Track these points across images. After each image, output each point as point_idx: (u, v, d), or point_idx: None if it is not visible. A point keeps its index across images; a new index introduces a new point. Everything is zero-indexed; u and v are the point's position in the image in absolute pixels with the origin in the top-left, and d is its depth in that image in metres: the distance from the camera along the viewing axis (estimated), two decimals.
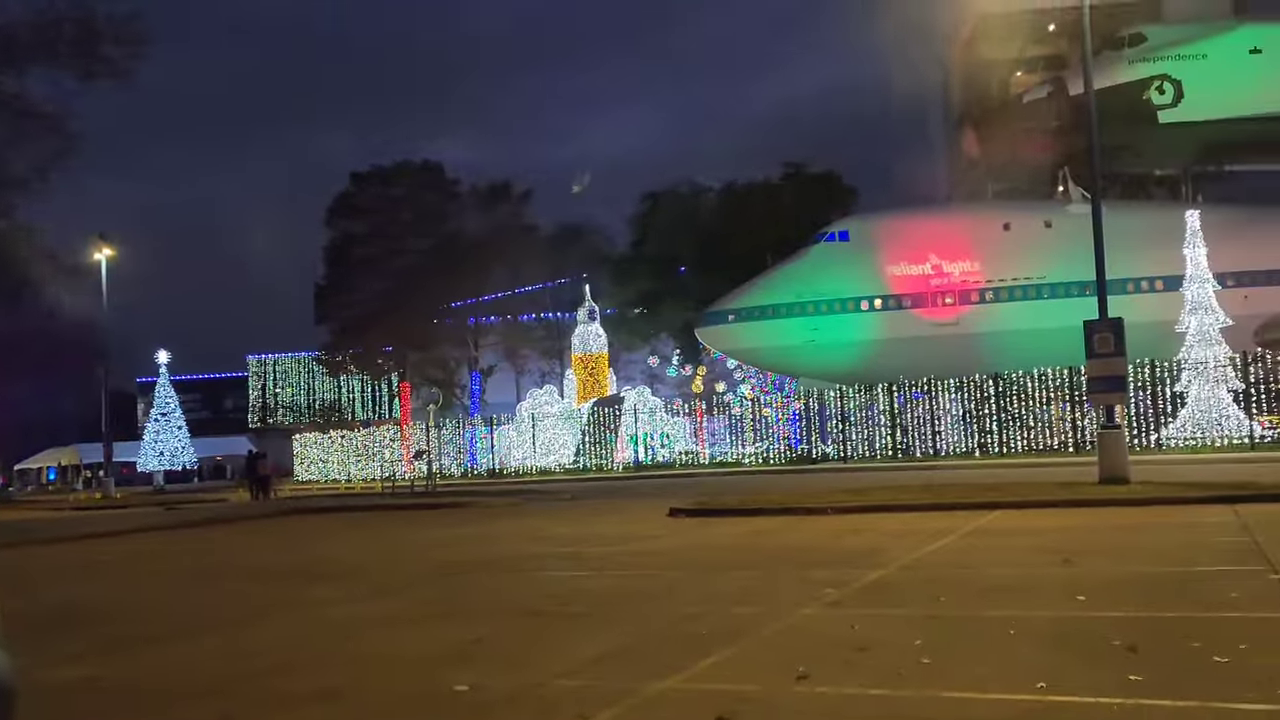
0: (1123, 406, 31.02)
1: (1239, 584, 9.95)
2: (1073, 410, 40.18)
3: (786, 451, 47.53)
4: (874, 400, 45.05)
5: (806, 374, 50.34)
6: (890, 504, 19.68)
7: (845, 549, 14.30)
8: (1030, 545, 13.72)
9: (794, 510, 20.09)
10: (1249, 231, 47.51)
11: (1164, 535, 14.38)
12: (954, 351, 46.92)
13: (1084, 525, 15.84)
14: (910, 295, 50.34)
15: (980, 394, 42.68)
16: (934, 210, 58.26)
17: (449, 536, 20.27)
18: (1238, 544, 12.88)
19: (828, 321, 50.76)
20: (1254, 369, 38.58)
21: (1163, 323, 39.25)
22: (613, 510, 25.21)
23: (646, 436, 52.09)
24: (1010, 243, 49.97)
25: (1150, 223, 45.29)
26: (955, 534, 15.09)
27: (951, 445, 43.29)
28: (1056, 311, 44.27)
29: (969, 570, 11.81)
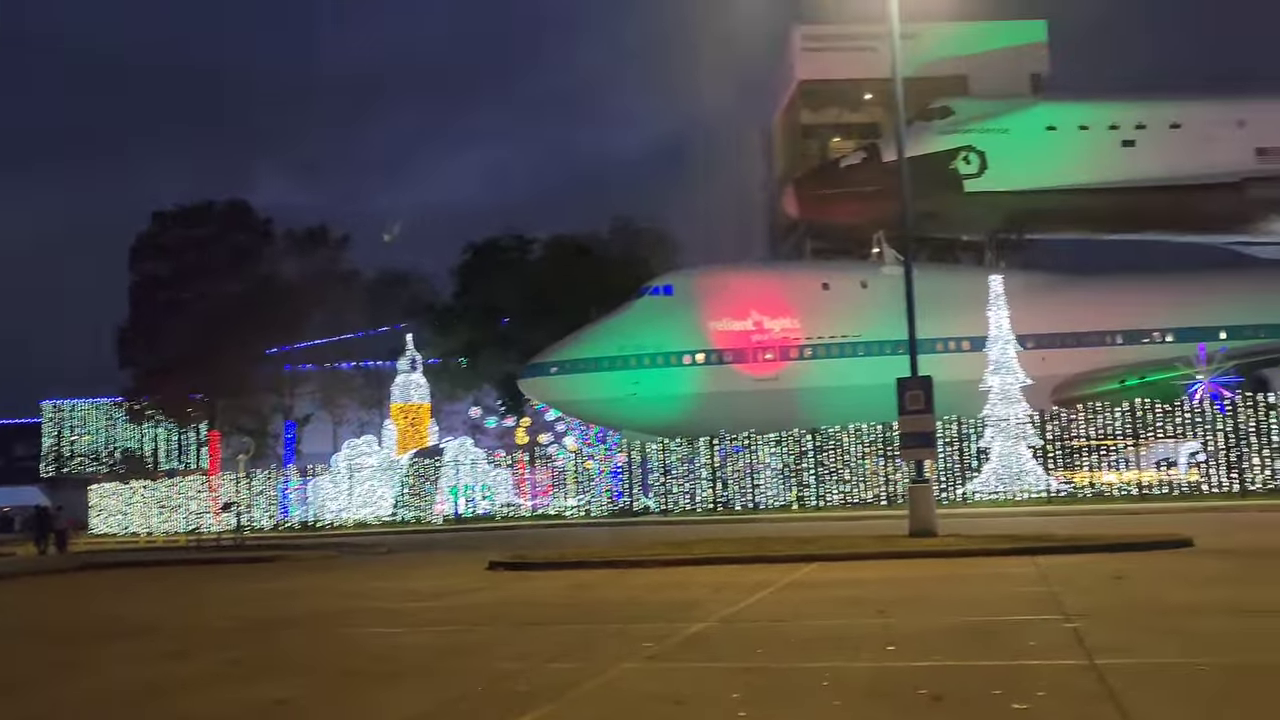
0: (932, 461, 32.21)
1: (1037, 632, 10.32)
2: (886, 464, 41.47)
3: (609, 504, 47.54)
4: (695, 454, 45.55)
5: (629, 427, 50.60)
6: (711, 557, 19.79)
7: (666, 602, 14.26)
8: (846, 597, 13.95)
9: (615, 563, 20.00)
10: (1047, 297, 50.24)
11: (970, 586, 14.83)
12: (774, 406, 47.94)
13: (897, 577, 16.21)
14: (732, 350, 51.30)
15: (799, 448, 43.64)
16: (756, 268, 59.72)
17: (258, 591, 19.42)
18: (1036, 594, 13.39)
19: (650, 375, 51.22)
20: (1051, 426, 40.61)
21: (969, 381, 40.98)
22: (431, 564, 24.65)
23: (467, 488, 51.36)
24: (829, 301, 51.56)
25: (958, 286, 47.41)
26: (774, 587, 15.25)
27: (771, 498, 44.06)
28: (871, 369, 45.79)
29: (786, 623, 11.92)
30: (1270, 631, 10.10)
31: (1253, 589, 13.14)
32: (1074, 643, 9.63)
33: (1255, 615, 11.05)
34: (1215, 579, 14.62)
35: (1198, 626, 10.46)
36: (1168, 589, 13.56)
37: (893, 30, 25.54)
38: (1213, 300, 51.55)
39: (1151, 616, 11.30)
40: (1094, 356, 50.35)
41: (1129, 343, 50.63)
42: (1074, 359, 49.96)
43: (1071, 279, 54.13)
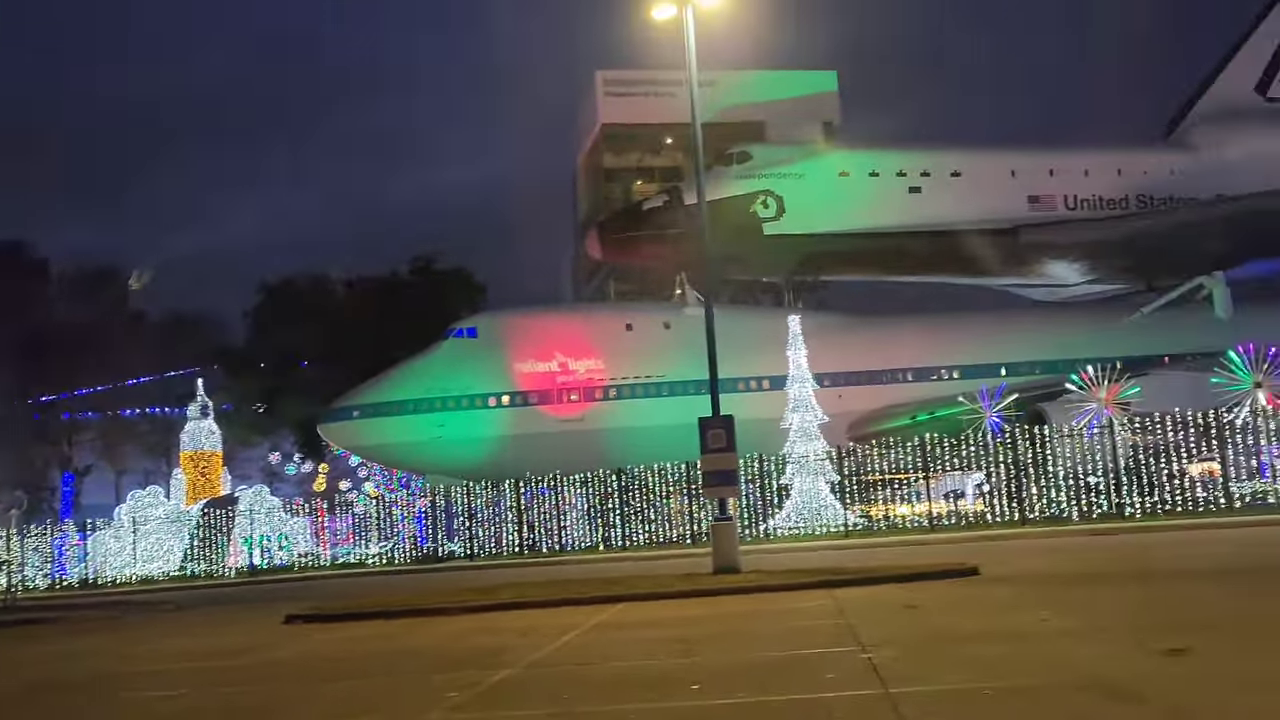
0: (735, 499, 32.77)
1: (836, 665, 10.57)
2: (690, 503, 41.98)
3: (412, 550, 46.53)
4: (501, 496, 45.11)
5: (434, 470, 49.76)
6: (517, 601, 19.55)
7: (472, 650, 14.00)
8: (652, 637, 13.97)
9: (420, 611, 19.53)
10: (843, 336, 52.08)
11: (772, 622, 15.10)
12: (580, 447, 47.99)
13: (702, 615, 16.36)
14: (537, 392, 51.20)
15: (604, 488, 43.76)
16: (561, 309, 59.92)
17: (33, 655, 18.13)
18: (835, 626, 13.72)
19: (456, 417, 50.58)
20: (847, 462, 41.98)
21: (770, 419, 41.96)
22: (224, 620, 23.53)
23: (263, 539, 49.41)
24: (632, 342, 52.10)
25: (758, 326, 48.63)
26: (580, 629, 15.16)
27: (577, 540, 43.99)
28: (675, 408, 46.40)
29: (593, 665, 11.85)
30: (1048, 655, 10.60)
31: (1033, 614, 13.78)
32: (870, 673, 9.88)
33: (1035, 640, 11.58)
34: (998, 606, 15.31)
35: (984, 652, 10.90)
36: (956, 617, 14.11)
37: (691, 77, 26.12)
38: (994, 339, 54.48)
39: (941, 644, 11.72)
40: (887, 393, 52.38)
41: (919, 380, 52.91)
42: (868, 396, 51.86)
43: (865, 319, 56.32)
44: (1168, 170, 56.33)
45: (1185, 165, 56.32)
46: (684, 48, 25.79)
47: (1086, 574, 19.77)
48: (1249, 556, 20.85)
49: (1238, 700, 8.12)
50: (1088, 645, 11.11)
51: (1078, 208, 54.46)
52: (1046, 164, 55.47)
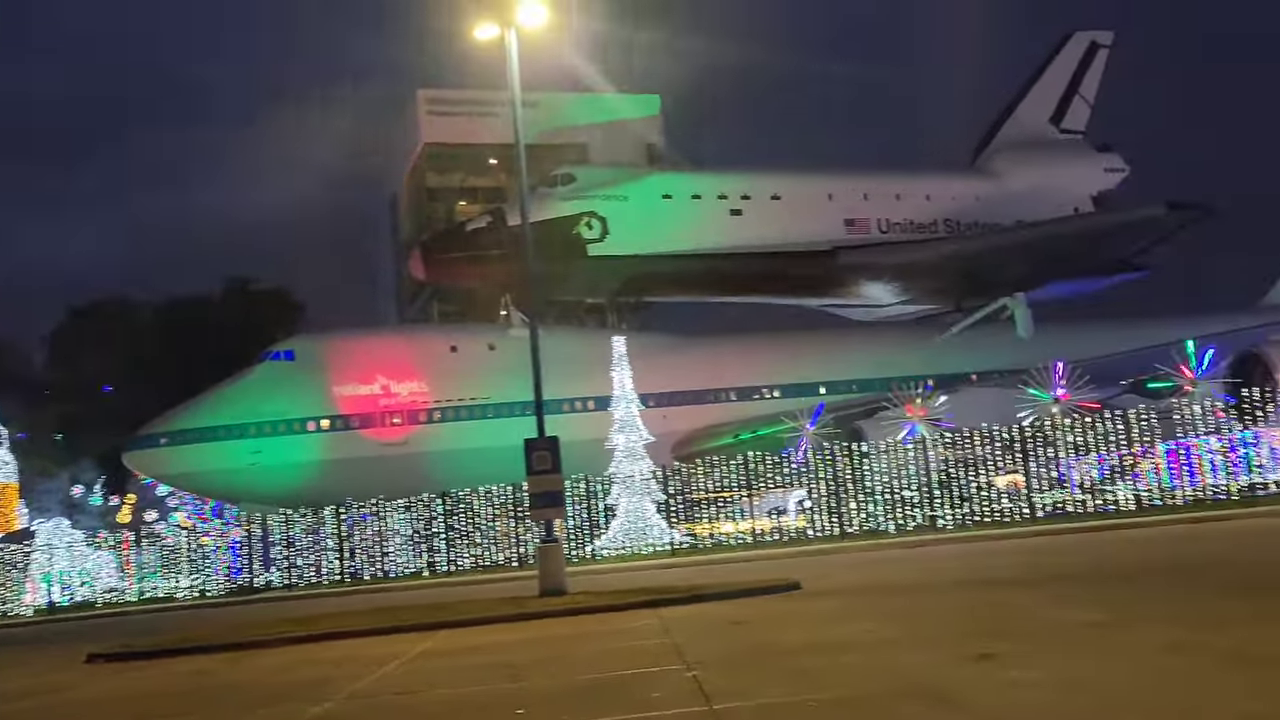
0: (561, 520, 32.62)
1: (662, 683, 10.54)
2: (517, 525, 41.61)
3: (227, 582, 44.70)
4: (321, 524, 43.80)
5: (250, 499, 47.96)
6: (337, 631, 18.94)
7: (290, 683, 13.46)
8: (478, 663, 13.72)
9: (234, 645, 18.69)
10: (667, 357, 52.62)
11: (599, 643, 15.01)
12: (403, 471, 47.07)
13: (528, 638, 16.16)
14: (359, 416, 50.01)
15: (429, 513, 42.99)
16: (383, 331, 58.76)
17: None
18: (661, 645, 13.72)
19: (273, 443, 48.93)
20: (673, 481, 42.34)
21: (595, 440, 42.00)
22: (15, 662, 22.03)
23: (63, 574, 46.67)
24: (457, 364, 51.46)
25: (583, 347, 48.69)
26: (404, 658, 14.76)
27: (401, 566, 43.05)
28: (500, 430, 45.98)
29: (417, 694, 11.54)
30: (869, 665, 10.81)
31: (854, 625, 14.07)
32: (695, 691, 9.88)
33: (857, 650, 11.81)
34: (821, 618, 15.59)
35: (807, 665, 11.04)
36: (780, 631, 14.29)
37: (514, 97, 26.01)
38: (813, 358, 55.96)
39: (765, 659, 11.84)
40: (711, 413, 53.14)
41: (742, 399, 53.86)
42: (693, 416, 52.51)
43: (689, 340, 57.05)
44: (973, 196, 58.98)
45: (989, 192, 59.08)
46: (507, 68, 25.68)
47: (904, 585, 20.36)
48: (1051, 564, 21.85)
49: (1045, 702, 8.42)
50: (907, 654, 11.38)
51: (890, 231, 56.45)
52: (861, 188, 57.36)
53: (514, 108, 26.13)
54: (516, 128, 26.10)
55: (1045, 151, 60.71)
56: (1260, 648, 9.74)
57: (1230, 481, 37.57)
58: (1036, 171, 59.50)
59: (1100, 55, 63.26)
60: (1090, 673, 9.45)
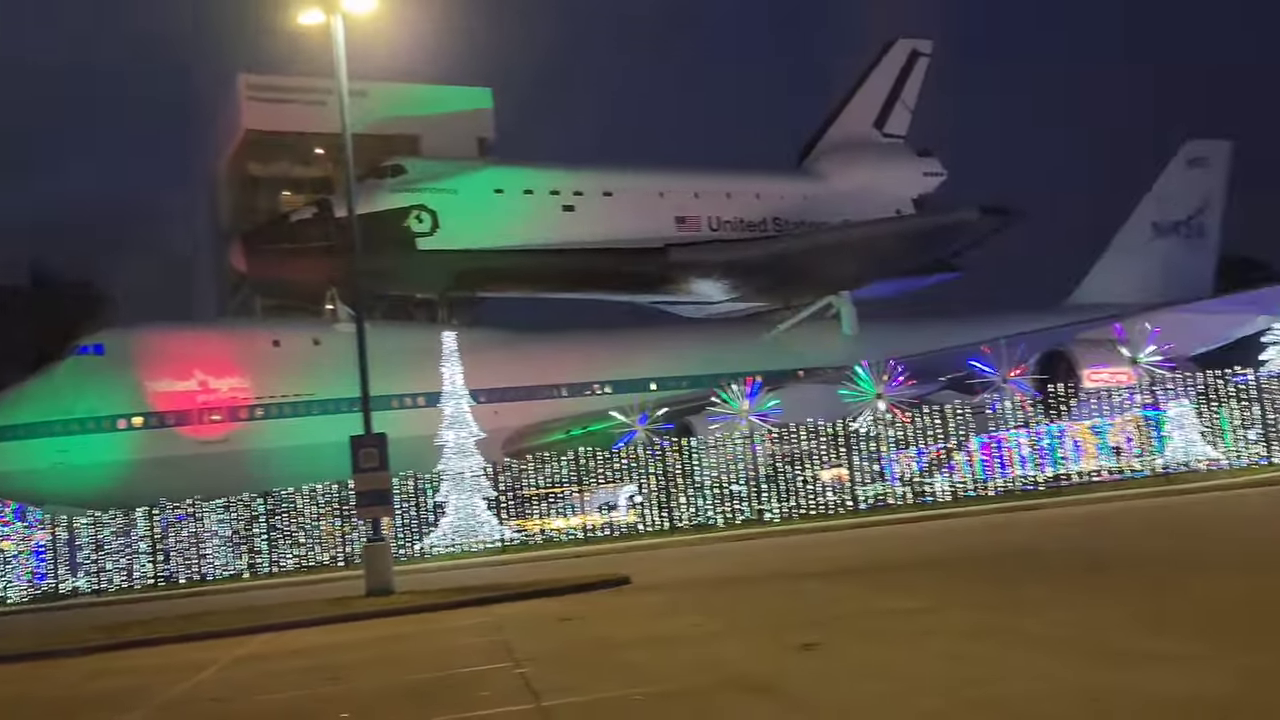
0: (389, 519, 32.03)
1: (490, 681, 10.45)
2: (344, 524, 40.63)
3: (30, 588, 42.31)
4: (133, 525, 41.87)
5: (55, 500, 45.38)
6: (149, 638, 18.15)
7: (96, 693, 12.84)
8: (299, 667, 13.34)
9: (36, 655, 17.70)
10: (499, 353, 52.14)
11: (427, 643, 14.79)
12: (223, 470, 45.35)
13: (354, 640, 15.80)
14: (175, 413, 47.96)
15: (250, 513, 41.59)
16: (201, 325, 56.49)
17: None
18: (490, 643, 13.61)
19: (79, 442, 46.46)
20: (503, 478, 42.04)
21: (425, 437, 41.34)
22: None
23: None
24: (280, 360, 49.87)
25: (412, 342, 47.80)
26: (220, 664, 14.24)
27: (220, 569, 41.52)
28: (326, 427, 44.80)
29: (233, 702, 11.14)
30: (695, 657, 10.93)
31: (682, 619, 14.22)
32: (523, 688, 9.82)
33: (684, 643, 11.93)
34: (649, 612, 15.72)
35: (635, 659, 11.10)
36: (609, 626, 14.35)
37: (340, 85, 25.38)
38: (645, 354, 56.35)
39: (594, 654, 11.86)
40: (542, 409, 52.92)
41: (573, 395, 53.82)
42: (524, 412, 52.19)
43: (521, 335, 56.70)
44: (801, 196, 60.33)
45: (816, 192, 60.55)
46: (333, 55, 25.05)
47: (732, 578, 20.70)
48: (872, 554, 22.56)
49: (859, 688, 8.66)
50: (732, 645, 11.56)
51: (721, 229, 57.28)
52: (692, 186, 58.01)
53: (340, 96, 25.51)
54: (343, 116, 25.49)
55: (869, 154, 62.57)
56: (1055, 630, 10.26)
57: (1038, 473, 39.49)
58: (861, 173, 61.27)
59: (921, 63, 65.52)
60: (902, 657, 9.77)
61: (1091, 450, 41.18)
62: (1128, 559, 16.68)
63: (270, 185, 64.96)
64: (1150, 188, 67.94)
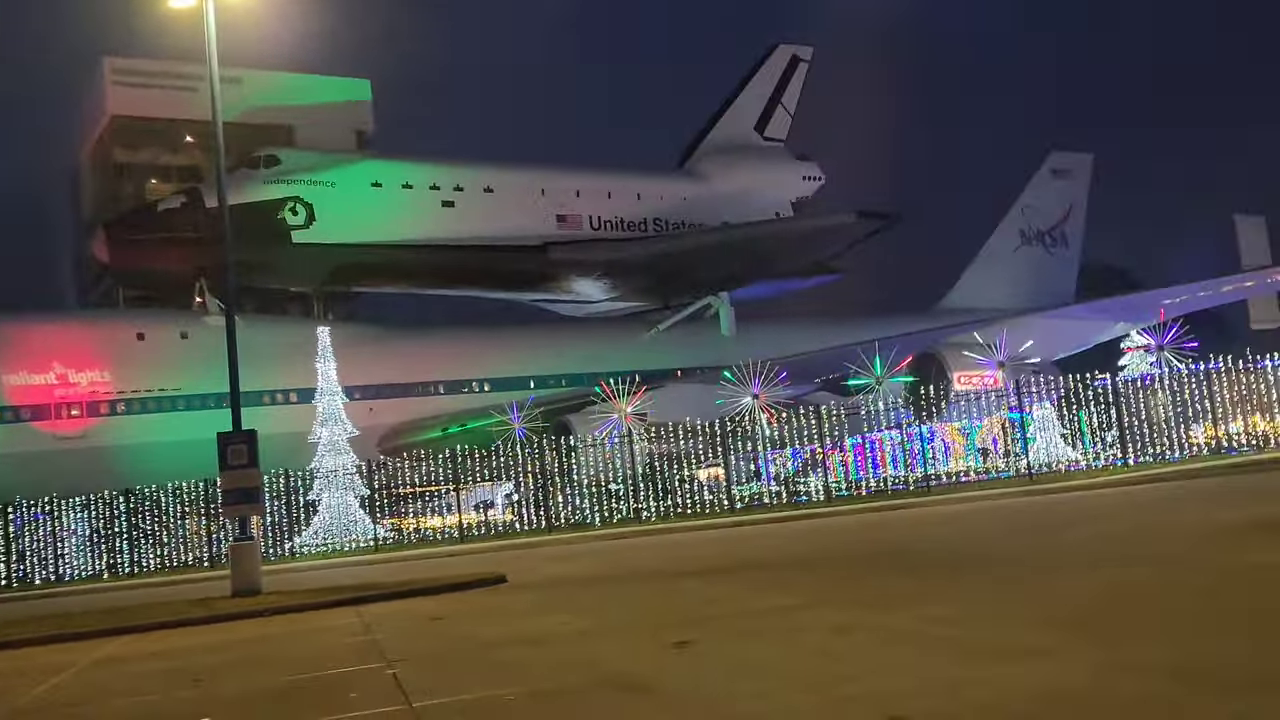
0: (258, 517, 31.25)
1: (360, 683, 10.23)
2: (210, 523, 39.54)
3: None
4: None
5: None
6: (2, 641, 17.32)
7: None
8: (159, 669, 12.89)
9: None
10: (375, 349, 51.36)
11: (294, 644, 14.44)
12: (82, 467, 43.67)
13: (218, 642, 15.34)
14: (30, 407, 46.02)
15: (110, 511, 40.18)
16: (60, 316, 54.26)
17: None
18: (360, 643, 13.35)
19: None
20: (378, 476, 41.42)
21: (297, 434, 40.49)
22: None
23: None
24: (144, 353, 48.25)
25: (285, 337, 46.81)
26: (76, 667, 13.67)
27: (78, 569, 40.03)
28: (192, 423, 43.55)
29: (89, 706, 10.71)
30: (569, 656, 10.88)
31: (556, 618, 14.14)
32: (393, 689, 9.64)
33: (558, 642, 11.86)
34: (525, 611, 15.61)
35: (507, 658, 11.00)
36: (483, 626, 14.19)
37: (212, 72, 24.66)
38: (524, 352, 56.09)
39: (467, 654, 11.72)
40: (419, 406, 52.27)
41: (450, 392, 53.29)
42: (400, 409, 51.48)
43: (398, 331, 55.94)
44: (681, 197, 60.73)
45: (696, 193, 61.02)
46: (205, 40, 24.33)
47: (608, 576, 20.69)
48: (746, 552, 22.78)
49: (732, 686, 8.70)
50: (607, 644, 11.53)
51: (602, 228, 57.33)
52: (574, 185, 57.91)
53: (211, 82, 24.78)
54: (214, 103, 24.78)
55: (750, 157, 63.29)
56: (924, 626, 10.47)
57: (908, 473, 40.43)
58: (741, 175, 61.96)
59: (801, 69, 66.55)
60: (776, 655, 9.86)
61: (960, 451, 42.33)
62: (993, 556, 17.14)
63: (137, 173, 62.80)
64: (1019, 197, 70.25)
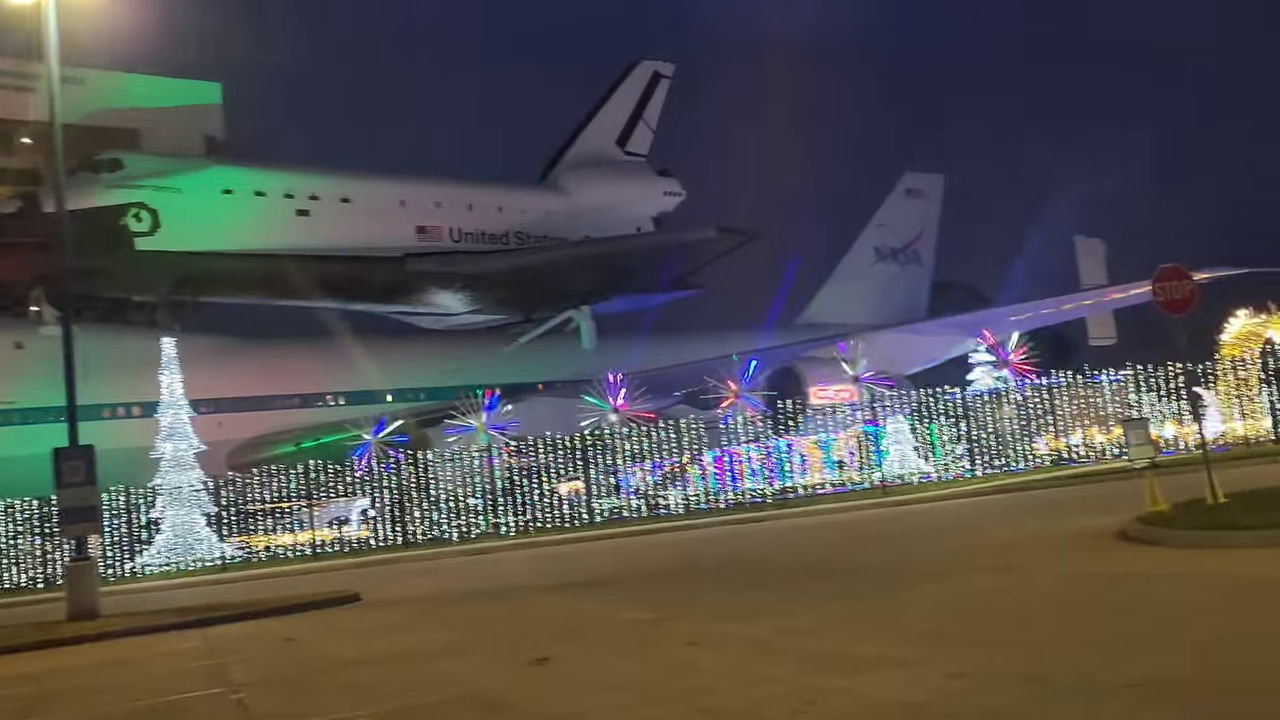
0: (97, 536, 29.86)
1: (203, 710, 9.81)
2: (44, 543, 37.60)
3: None
4: None
5: None
6: None
7: None
8: None
9: None
10: (224, 361, 49.65)
11: (134, 669, 13.80)
12: None
13: (54, 668, 14.58)
14: None
15: None
16: None
17: None
18: (206, 668, 12.83)
19: None
20: (226, 492, 40.01)
21: (139, 449, 38.86)
22: None
23: None
24: None
25: (128, 348, 44.92)
26: None
27: None
28: (27, 438, 41.39)
29: None
30: (427, 674, 10.60)
31: (413, 635, 13.82)
32: (240, 714, 9.24)
33: (415, 660, 11.56)
34: (380, 630, 15.21)
35: (363, 677, 10.68)
36: (337, 645, 13.78)
37: (51, 71, 23.56)
38: (382, 365, 54.98)
39: (320, 675, 11.34)
40: (272, 420, 50.73)
41: (305, 406, 51.90)
42: (252, 423, 49.89)
43: (250, 343, 54.20)
44: (543, 210, 60.46)
45: (558, 206, 60.82)
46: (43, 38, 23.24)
47: (466, 592, 20.37)
48: (606, 567, 22.70)
49: (590, 700, 8.59)
50: (464, 661, 11.29)
51: (462, 240, 56.64)
52: (434, 196, 57.06)
53: (51, 82, 23.67)
54: (53, 104, 23.70)
55: (611, 171, 63.43)
56: (780, 637, 10.54)
57: (767, 486, 40.91)
58: (602, 189, 62.04)
59: (663, 85, 67.07)
60: (635, 668, 9.79)
61: (817, 464, 42.98)
62: (849, 567, 17.41)
63: None
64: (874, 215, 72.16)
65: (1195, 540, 14.47)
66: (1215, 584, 11.71)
